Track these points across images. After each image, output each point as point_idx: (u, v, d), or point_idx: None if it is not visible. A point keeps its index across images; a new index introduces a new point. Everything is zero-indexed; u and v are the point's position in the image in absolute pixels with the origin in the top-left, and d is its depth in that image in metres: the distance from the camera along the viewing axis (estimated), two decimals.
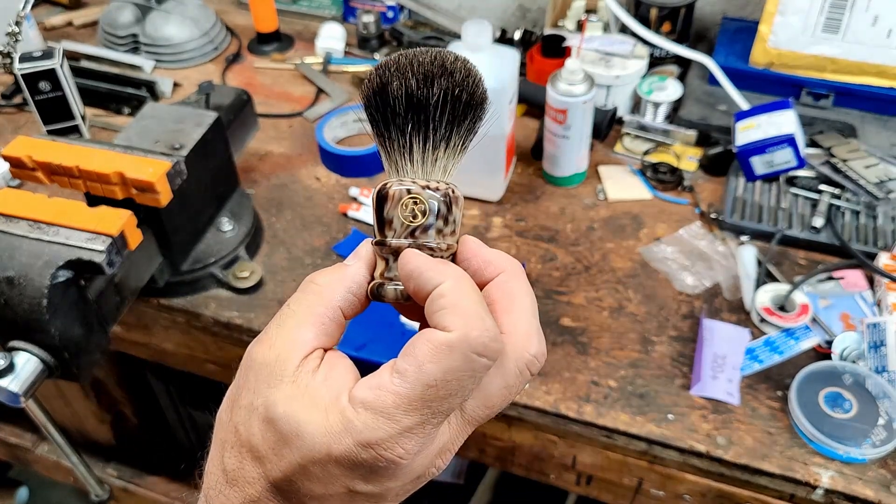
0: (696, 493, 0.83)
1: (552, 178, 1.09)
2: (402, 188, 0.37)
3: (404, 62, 0.38)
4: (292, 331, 0.37)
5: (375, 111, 0.38)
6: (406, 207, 0.37)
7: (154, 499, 1.36)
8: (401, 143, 0.38)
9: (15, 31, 1.00)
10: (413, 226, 0.37)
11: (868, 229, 0.98)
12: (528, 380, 0.38)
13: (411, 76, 0.37)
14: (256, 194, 1.10)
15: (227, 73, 1.34)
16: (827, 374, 0.82)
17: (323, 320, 0.37)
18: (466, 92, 0.38)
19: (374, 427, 0.33)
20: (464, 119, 0.38)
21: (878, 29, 1.06)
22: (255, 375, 0.36)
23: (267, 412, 0.35)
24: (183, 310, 0.95)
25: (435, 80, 0.37)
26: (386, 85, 0.38)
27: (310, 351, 0.36)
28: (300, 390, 0.35)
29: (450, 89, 0.37)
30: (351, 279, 0.38)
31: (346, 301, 0.38)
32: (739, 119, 1.07)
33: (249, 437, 0.35)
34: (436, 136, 0.38)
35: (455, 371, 0.33)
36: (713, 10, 1.30)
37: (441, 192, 0.38)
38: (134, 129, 0.92)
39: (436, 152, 0.38)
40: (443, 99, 0.37)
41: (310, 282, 0.39)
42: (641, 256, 0.98)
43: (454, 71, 0.38)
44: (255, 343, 0.38)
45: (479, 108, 0.39)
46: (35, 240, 0.77)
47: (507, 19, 1.43)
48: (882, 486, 0.75)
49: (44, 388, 0.79)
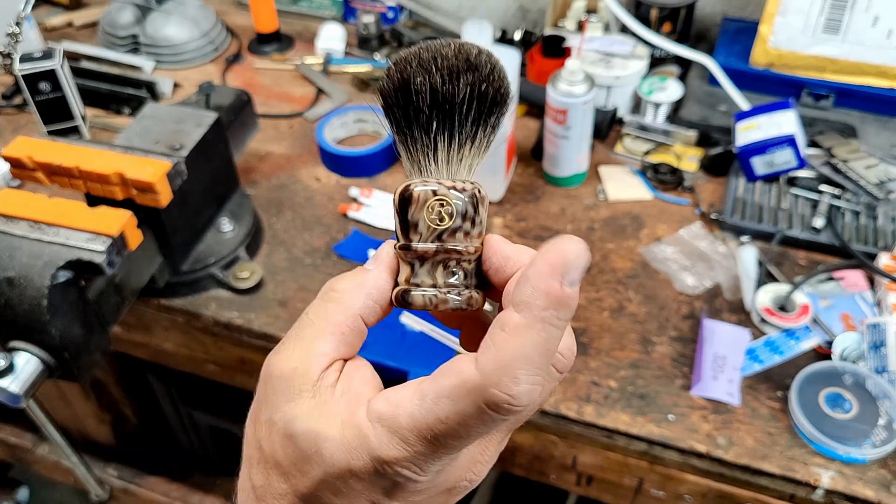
0: (696, 494, 0.83)
1: (552, 179, 1.09)
2: (427, 189, 0.35)
3: (427, 56, 0.36)
4: (311, 342, 0.35)
5: (396, 109, 0.36)
6: (432, 210, 0.35)
7: (154, 499, 1.36)
8: (424, 142, 0.36)
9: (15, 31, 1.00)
10: (440, 229, 0.35)
11: (868, 230, 0.98)
12: (558, 378, 0.36)
13: (435, 72, 0.35)
14: (256, 194, 1.10)
15: (227, 74, 1.34)
16: (827, 374, 0.82)
17: (343, 329, 0.36)
18: (492, 87, 0.36)
19: (388, 445, 0.32)
20: (490, 115, 0.37)
21: (879, 29, 1.06)
22: (272, 390, 0.35)
23: (286, 428, 0.34)
24: (183, 310, 0.95)
25: (461, 75, 0.35)
26: (408, 81, 0.35)
27: (329, 363, 0.35)
28: (318, 405, 0.34)
29: (476, 85, 0.35)
30: (372, 286, 0.37)
31: (366, 309, 0.36)
32: (740, 119, 1.07)
33: (273, 454, 0.34)
34: (462, 135, 0.36)
35: (466, 416, 0.31)
36: (713, 10, 1.30)
37: (468, 192, 0.36)
38: (134, 130, 0.92)
39: (461, 151, 0.37)
40: (469, 95, 0.35)
41: (329, 289, 0.37)
42: (642, 257, 0.98)
43: (479, 65, 0.36)
44: (273, 354, 0.36)
45: (505, 103, 0.37)
46: (35, 240, 0.77)
47: (508, 19, 1.43)
48: (882, 486, 0.75)
49: (44, 389, 0.79)
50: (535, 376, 0.30)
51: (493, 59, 0.36)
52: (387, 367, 0.86)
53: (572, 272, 0.31)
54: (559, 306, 0.31)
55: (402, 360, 0.85)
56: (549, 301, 0.31)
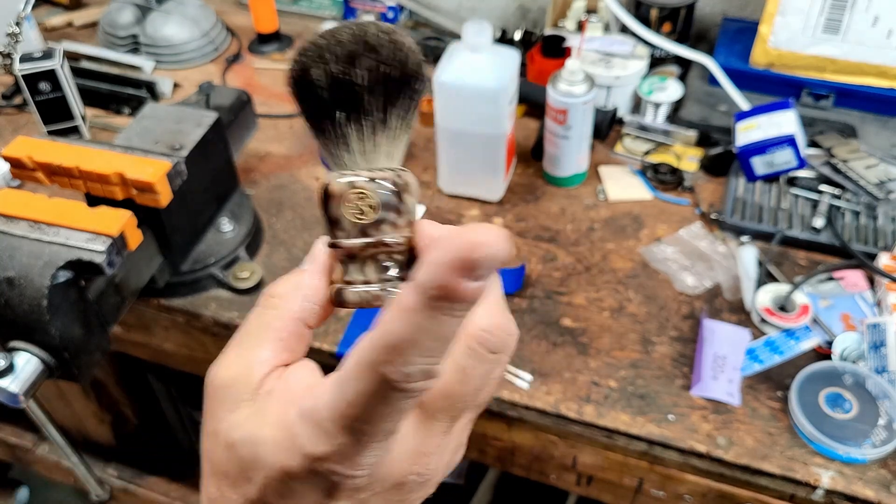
0: (696, 494, 0.83)
1: (552, 179, 1.09)
2: (343, 182, 0.34)
3: (323, 43, 0.34)
4: (250, 350, 0.35)
5: (303, 102, 0.35)
6: (352, 205, 0.34)
7: (154, 499, 1.36)
8: (335, 133, 0.35)
9: (15, 31, 1.00)
10: (363, 223, 0.34)
11: (868, 230, 0.98)
12: (492, 360, 0.33)
13: (333, 59, 0.34)
14: (256, 194, 1.10)
15: (227, 74, 1.34)
16: (827, 374, 0.82)
17: (281, 335, 0.35)
18: (396, 67, 0.34)
19: (315, 441, 0.30)
20: (398, 97, 0.35)
21: (879, 29, 1.06)
22: (214, 401, 0.34)
23: (227, 437, 0.33)
24: (183, 310, 0.95)
25: (358, 58, 0.34)
26: (306, 72, 0.34)
27: (269, 370, 0.34)
28: (256, 411, 0.33)
29: (377, 67, 0.34)
30: (307, 287, 0.36)
31: (305, 311, 0.35)
32: (740, 119, 1.07)
33: (220, 464, 0.34)
34: (371, 121, 0.35)
35: (369, 396, 0.29)
36: (713, 10, 1.30)
37: (388, 180, 0.34)
38: (134, 130, 0.92)
39: (374, 138, 0.35)
40: (371, 79, 0.34)
41: (267, 295, 0.36)
42: (642, 257, 0.98)
43: (379, 45, 0.34)
44: (214, 365, 0.35)
45: (415, 81, 0.35)
46: (35, 240, 0.77)
47: (508, 19, 1.43)
48: (882, 486, 0.75)
49: (44, 389, 0.79)
50: (428, 357, 0.28)
51: (394, 37, 0.34)
52: None
53: (478, 268, 0.26)
54: (453, 301, 0.27)
55: None
56: (442, 292, 0.27)
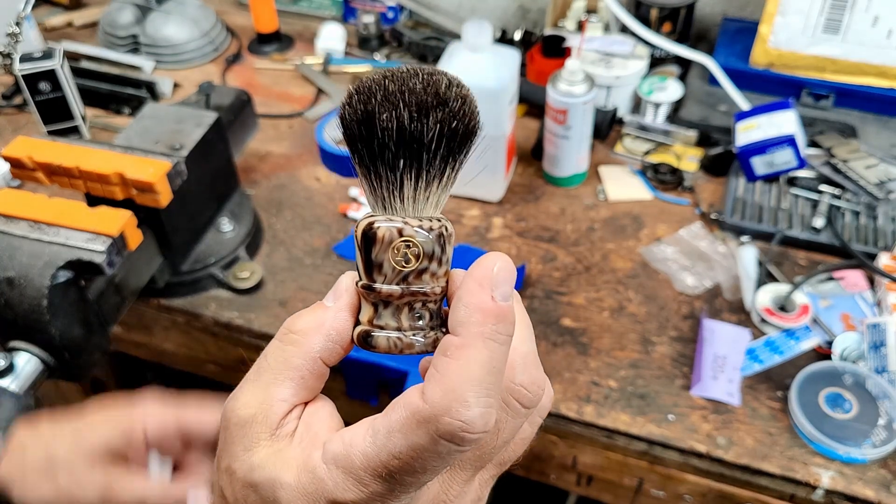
0: (696, 494, 0.83)
1: (552, 179, 1.09)
2: (392, 228, 0.33)
3: (393, 89, 0.33)
4: (269, 388, 0.34)
5: (359, 142, 0.34)
6: (398, 252, 0.33)
7: None
8: (390, 179, 0.34)
9: (15, 31, 1.00)
10: (406, 271, 0.33)
11: (868, 230, 0.98)
12: (524, 414, 0.34)
13: (403, 107, 0.32)
14: (256, 194, 1.10)
15: (227, 74, 1.34)
16: (827, 374, 0.82)
17: (301, 373, 0.34)
18: (462, 123, 0.33)
19: (344, 487, 0.31)
20: (459, 152, 0.34)
21: (879, 29, 1.06)
22: (231, 438, 0.34)
23: (246, 478, 0.33)
24: (183, 310, 0.95)
25: (430, 111, 0.33)
26: (372, 115, 0.33)
27: (289, 409, 0.34)
28: (275, 452, 0.33)
29: (447, 122, 0.33)
30: (331, 326, 0.35)
31: (326, 350, 0.35)
32: (740, 119, 1.07)
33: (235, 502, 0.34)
34: (429, 173, 0.34)
35: (420, 449, 0.30)
36: (713, 10, 1.30)
37: (435, 231, 0.33)
38: (134, 130, 0.92)
39: (428, 189, 0.34)
40: (439, 133, 0.33)
41: (287, 330, 0.35)
42: (642, 257, 0.98)
43: (449, 99, 0.33)
44: (231, 399, 0.35)
45: (475, 136, 0.35)
46: (35, 240, 0.77)
47: (508, 19, 1.43)
48: (882, 486, 0.75)
49: (44, 389, 0.79)
50: (486, 397, 0.29)
51: (463, 91, 0.34)
52: (386, 367, 0.86)
53: (501, 286, 0.31)
54: (496, 320, 0.30)
55: (402, 359, 0.85)
56: (483, 316, 0.30)
